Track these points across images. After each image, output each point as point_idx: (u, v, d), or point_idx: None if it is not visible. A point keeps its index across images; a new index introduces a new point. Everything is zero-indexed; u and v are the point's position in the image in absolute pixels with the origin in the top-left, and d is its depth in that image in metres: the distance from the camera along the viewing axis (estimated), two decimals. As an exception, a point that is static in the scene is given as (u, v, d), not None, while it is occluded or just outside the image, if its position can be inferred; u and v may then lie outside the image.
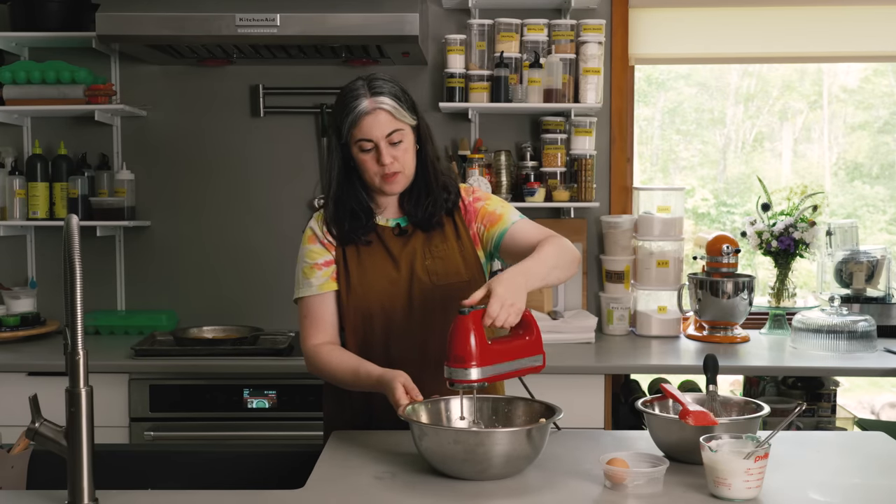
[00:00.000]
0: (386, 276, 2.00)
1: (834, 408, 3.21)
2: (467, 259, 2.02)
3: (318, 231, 2.03)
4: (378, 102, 1.91)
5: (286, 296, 3.49)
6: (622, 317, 3.39)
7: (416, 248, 2.01)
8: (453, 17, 3.45)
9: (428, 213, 2.01)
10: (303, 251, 2.05)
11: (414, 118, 1.98)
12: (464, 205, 2.06)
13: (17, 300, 3.36)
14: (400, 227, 2.03)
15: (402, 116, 1.94)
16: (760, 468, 1.51)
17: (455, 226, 2.04)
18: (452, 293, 1.91)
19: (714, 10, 3.48)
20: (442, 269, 1.99)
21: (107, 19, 2.95)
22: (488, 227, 2.03)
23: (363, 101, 1.91)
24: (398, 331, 1.99)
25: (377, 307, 1.99)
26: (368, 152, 1.94)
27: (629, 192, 3.52)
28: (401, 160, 1.95)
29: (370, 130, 1.91)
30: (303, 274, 2.03)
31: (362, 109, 1.91)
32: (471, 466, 1.60)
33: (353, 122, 1.92)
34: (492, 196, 2.09)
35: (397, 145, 1.94)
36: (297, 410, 2.91)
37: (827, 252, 3.48)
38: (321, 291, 2.01)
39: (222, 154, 3.53)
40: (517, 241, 1.97)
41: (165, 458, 1.92)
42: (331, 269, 2.01)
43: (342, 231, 2.01)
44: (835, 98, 4.50)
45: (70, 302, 1.45)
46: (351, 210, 2.00)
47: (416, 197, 2.02)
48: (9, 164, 3.42)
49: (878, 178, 4.49)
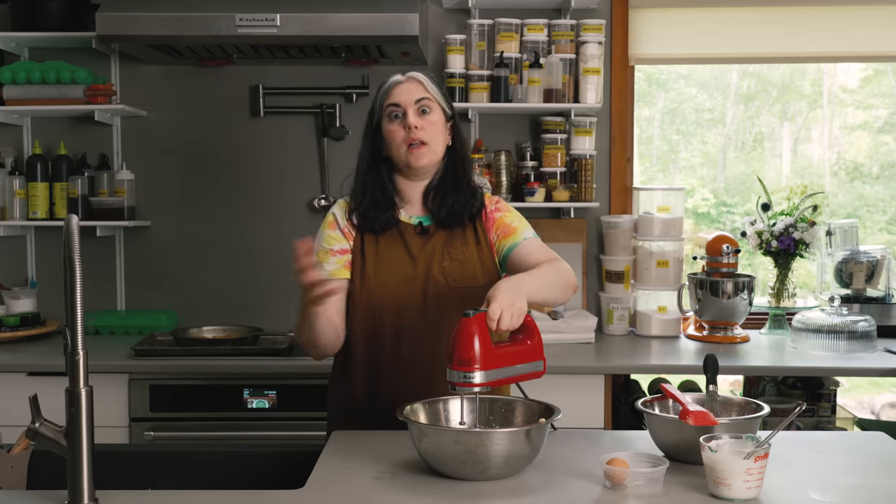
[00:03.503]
0: (402, 272, 2.00)
1: (834, 408, 3.22)
2: (485, 265, 2.03)
3: (339, 217, 2.06)
4: (411, 75, 2.02)
5: (286, 296, 3.53)
6: (622, 317, 3.39)
7: (435, 248, 2.02)
8: (453, 17, 3.45)
9: (452, 211, 2.03)
10: (321, 235, 2.07)
11: (448, 107, 2.04)
12: (485, 212, 2.08)
13: (17, 300, 3.36)
14: (422, 225, 2.05)
15: (434, 93, 2.01)
16: (760, 468, 1.51)
17: (476, 231, 2.06)
18: (467, 297, 1.92)
19: (714, 10, 3.49)
20: (459, 272, 2.01)
21: (107, 19, 2.95)
22: (501, 238, 2.05)
23: (397, 76, 2.02)
24: (409, 329, 2.00)
25: (389, 302, 2.00)
26: (396, 119, 1.98)
27: (629, 192, 3.52)
28: (428, 132, 1.98)
29: (400, 96, 1.99)
30: (317, 257, 2.05)
31: (395, 80, 2.02)
32: (470, 467, 1.60)
33: (386, 92, 2.01)
34: (512, 209, 2.11)
35: (426, 115, 1.98)
36: (297, 410, 2.91)
37: (827, 252, 3.48)
38: (331, 277, 2.02)
39: (222, 154, 3.53)
40: (523, 258, 2.00)
41: (165, 458, 1.92)
42: (346, 257, 2.03)
43: (363, 216, 2.03)
44: (835, 98, 4.49)
45: (70, 302, 1.45)
46: (373, 197, 2.02)
47: (442, 194, 2.04)
48: (9, 164, 3.42)
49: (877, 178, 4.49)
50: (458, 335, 1.69)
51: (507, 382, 1.77)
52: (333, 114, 3.48)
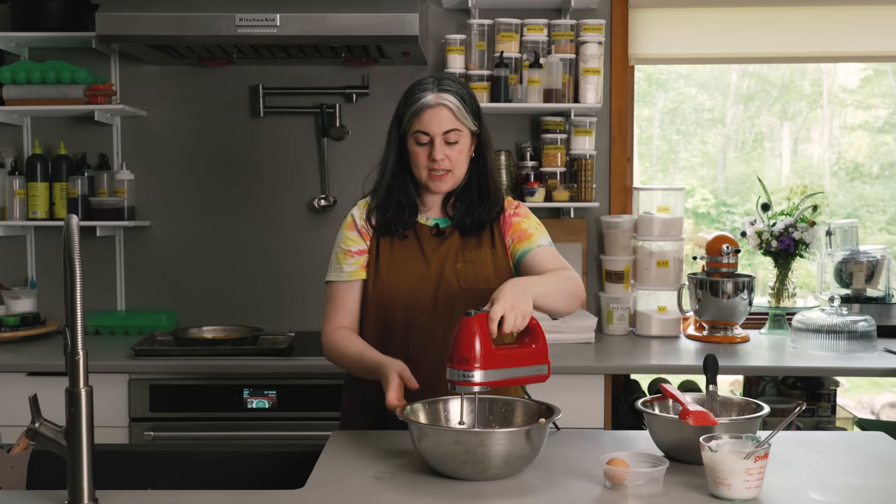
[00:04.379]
0: (414, 272, 2.02)
1: (834, 408, 3.21)
2: (499, 268, 2.05)
3: (357, 219, 2.08)
4: (442, 98, 1.97)
5: (286, 296, 3.54)
6: (622, 317, 3.39)
7: (449, 250, 2.04)
8: (453, 17, 3.45)
9: (479, 220, 2.05)
10: (340, 236, 2.10)
11: (476, 124, 2.02)
12: (504, 216, 2.09)
13: (17, 300, 3.36)
14: (438, 227, 2.07)
15: (464, 118, 1.99)
16: (760, 468, 1.51)
17: (492, 235, 2.07)
18: (478, 299, 1.92)
19: (714, 10, 3.49)
20: (472, 274, 2.02)
21: (107, 19, 2.95)
22: (516, 243, 2.07)
23: (429, 95, 1.97)
24: (419, 329, 2.01)
25: (400, 301, 2.02)
26: (423, 146, 1.99)
27: (629, 192, 3.52)
28: (453, 161, 1.99)
29: (429, 124, 1.96)
30: (336, 259, 2.08)
31: (426, 102, 1.97)
32: (470, 467, 1.60)
33: (416, 113, 1.97)
34: (531, 215, 2.13)
35: (453, 146, 1.98)
36: (296, 410, 2.90)
37: (827, 252, 3.48)
38: (350, 279, 2.05)
39: (222, 154, 3.53)
40: (534, 265, 2.01)
41: (165, 458, 1.92)
42: (363, 258, 2.06)
43: (384, 219, 2.04)
44: (835, 98, 4.49)
45: (70, 302, 1.45)
46: (398, 201, 2.04)
47: (467, 203, 2.06)
48: (9, 164, 3.42)
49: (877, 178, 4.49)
50: (458, 334, 1.69)
51: (508, 384, 1.77)
52: (333, 114, 3.48)
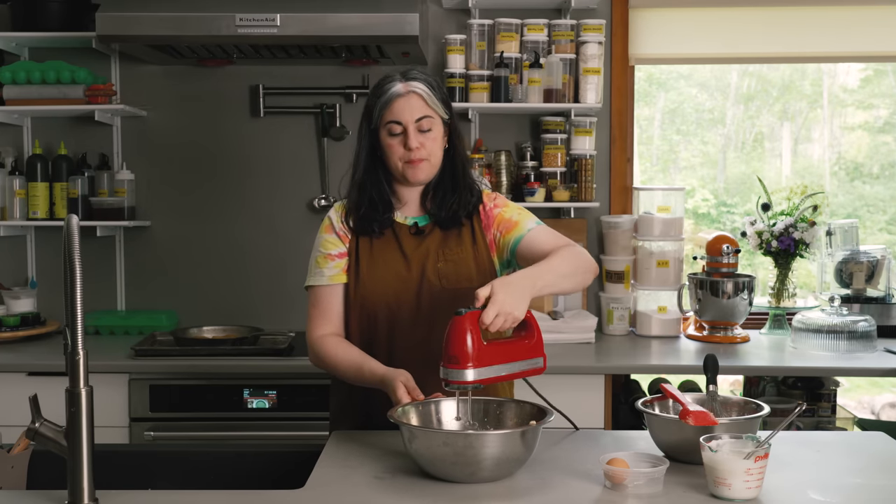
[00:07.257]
0: (396, 273, 2.00)
1: (834, 408, 3.21)
2: (480, 265, 2.02)
3: (335, 221, 2.05)
4: (412, 86, 1.96)
5: (286, 296, 3.54)
6: (622, 317, 3.39)
7: (429, 249, 2.01)
8: (453, 17, 3.45)
9: (451, 211, 2.01)
10: (318, 240, 2.06)
11: (446, 113, 2.00)
12: (484, 210, 2.06)
13: (17, 300, 3.36)
14: (417, 226, 2.04)
15: (434, 105, 1.97)
16: (760, 468, 1.51)
17: (472, 230, 2.04)
18: (461, 297, 1.91)
19: (714, 10, 3.48)
20: (453, 272, 1.99)
21: (107, 19, 2.95)
22: (504, 234, 2.03)
23: (397, 84, 1.96)
24: (403, 330, 1.99)
25: (382, 303, 1.99)
26: (397, 136, 1.96)
27: (629, 192, 3.52)
28: (427, 148, 1.96)
29: (401, 113, 1.94)
30: (316, 263, 2.04)
31: (396, 91, 1.95)
32: (460, 469, 1.59)
33: (386, 104, 1.95)
34: (510, 203, 2.09)
35: (426, 133, 1.96)
36: (296, 410, 2.90)
37: (827, 252, 3.48)
38: (331, 283, 2.02)
39: (222, 154, 3.53)
40: (532, 249, 1.97)
41: (165, 458, 1.92)
42: (343, 261, 2.02)
43: (358, 216, 2.01)
44: (835, 98, 4.49)
45: (70, 302, 1.45)
46: (370, 198, 2.01)
47: (441, 195, 2.03)
48: (9, 164, 3.42)
49: (878, 178, 4.49)
50: (450, 333, 1.69)
51: (503, 380, 1.76)
52: (333, 114, 3.48)
